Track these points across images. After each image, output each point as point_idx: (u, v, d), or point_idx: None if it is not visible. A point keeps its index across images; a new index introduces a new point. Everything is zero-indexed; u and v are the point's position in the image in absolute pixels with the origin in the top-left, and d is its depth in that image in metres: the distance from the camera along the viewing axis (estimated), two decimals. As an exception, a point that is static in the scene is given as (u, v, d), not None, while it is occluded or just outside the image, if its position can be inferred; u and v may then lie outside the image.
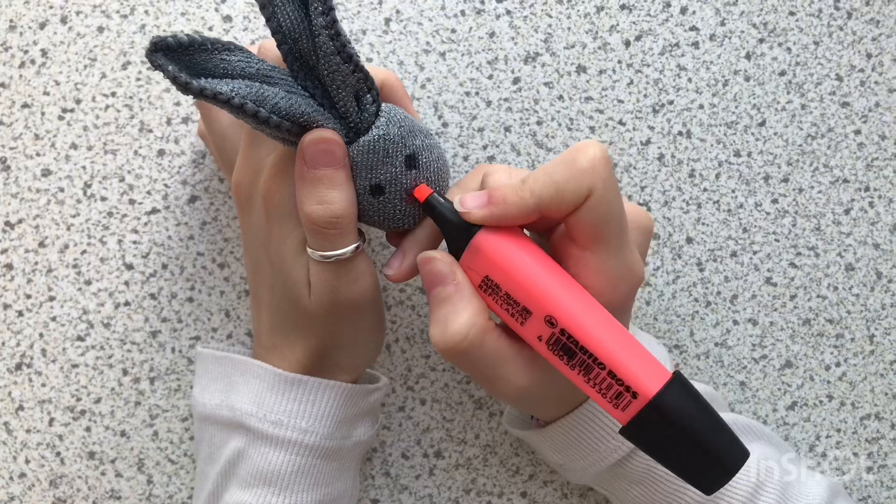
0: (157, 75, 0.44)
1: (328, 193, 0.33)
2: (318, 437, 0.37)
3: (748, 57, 0.46)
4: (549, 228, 0.34)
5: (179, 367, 0.44)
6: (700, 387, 0.41)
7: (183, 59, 0.31)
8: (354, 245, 0.35)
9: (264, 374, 0.37)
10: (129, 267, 0.44)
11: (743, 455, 0.30)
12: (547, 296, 0.31)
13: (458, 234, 0.32)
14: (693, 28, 0.45)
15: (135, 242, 0.44)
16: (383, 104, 0.34)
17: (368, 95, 0.33)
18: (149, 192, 0.44)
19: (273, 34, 0.32)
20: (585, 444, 0.37)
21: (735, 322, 0.46)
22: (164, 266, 0.44)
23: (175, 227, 0.44)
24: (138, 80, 0.44)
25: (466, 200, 0.32)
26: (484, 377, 0.33)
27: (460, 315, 0.31)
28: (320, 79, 0.33)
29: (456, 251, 0.33)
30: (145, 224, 0.44)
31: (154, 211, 0.44)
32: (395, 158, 0.34)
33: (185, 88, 0.30)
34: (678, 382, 0.30)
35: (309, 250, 0.35)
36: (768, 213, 0.46)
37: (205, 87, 0.30)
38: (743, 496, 0.37)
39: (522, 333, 0.32)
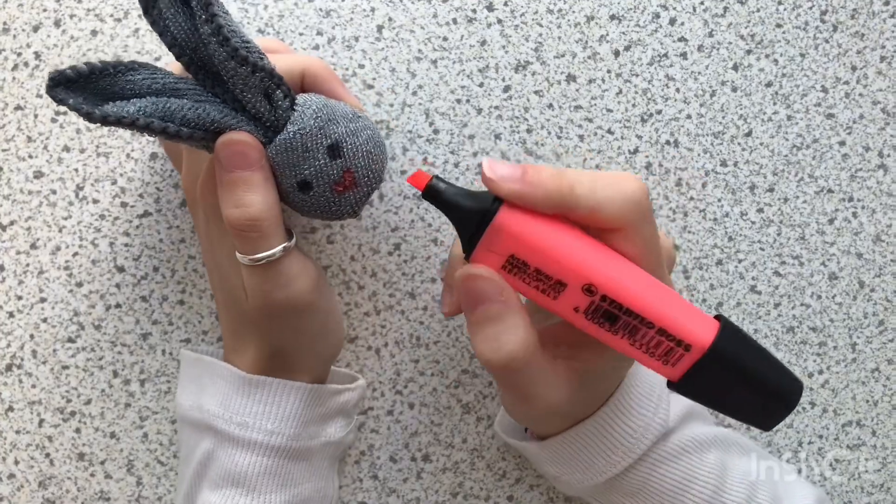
0: (151, 79, 0.44)
1: (244, 196, 0.32)
2: (284, 438, 0.37)
3: (735, 68, 0.46)
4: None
5: (170, 369, 0.44)
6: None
7: (88, 87, 0.30)
8: (281, 246, 0.34)
9: (229, 375, 0.38)
10: (121, 269, 0.44)
11: (798, 387, 0.31)
12: (584, 264, 0.29)
13: (470, 217, 0.30)
14: (681, 39, 0.46)
15: (126, 245, 0.44)
16: (299, 96, 0.33)
17: (279, 91, 0.32)
18: (140, 196, 0.44)
19: (169, 48, 0.32)
20: (585, 458, 0.38)
21: (720, 329, 0.47)
22: (156, 269, 0.44)
23: (166, 231, 0.44)
24: (131, 83, 0.44)
25: (497, 168, 0.29)
26: (521, 393, 0.33)
27: (514, 333, 0.30)
28: (225, 84, 0.32)
29: (470, 236, 0.31)
30: (137, 227, 0.44)
31: (146, 214, 0.44)
32: (315, 151, 0.33)
33: (88, 117, 0.30)
34: (729, 327, 0.30)
35: (238, 255, 0.34)
36: (754, 223, 0.46)
37: (107, 114, 0.30)
38: (741, 497, 0.38)
39: (555, 308, 0.31)
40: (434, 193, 0.31)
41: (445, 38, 0.45)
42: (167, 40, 0.31)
